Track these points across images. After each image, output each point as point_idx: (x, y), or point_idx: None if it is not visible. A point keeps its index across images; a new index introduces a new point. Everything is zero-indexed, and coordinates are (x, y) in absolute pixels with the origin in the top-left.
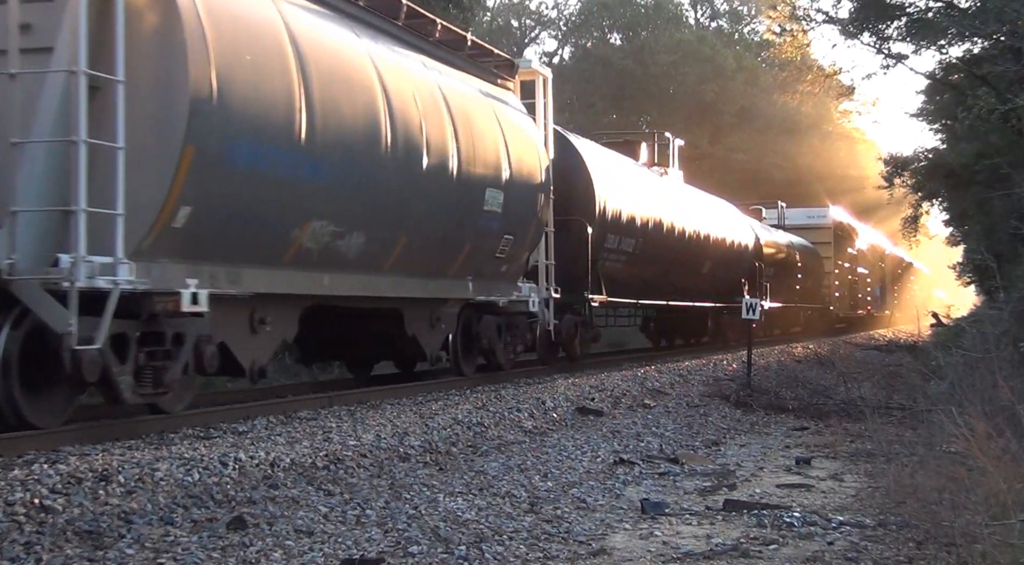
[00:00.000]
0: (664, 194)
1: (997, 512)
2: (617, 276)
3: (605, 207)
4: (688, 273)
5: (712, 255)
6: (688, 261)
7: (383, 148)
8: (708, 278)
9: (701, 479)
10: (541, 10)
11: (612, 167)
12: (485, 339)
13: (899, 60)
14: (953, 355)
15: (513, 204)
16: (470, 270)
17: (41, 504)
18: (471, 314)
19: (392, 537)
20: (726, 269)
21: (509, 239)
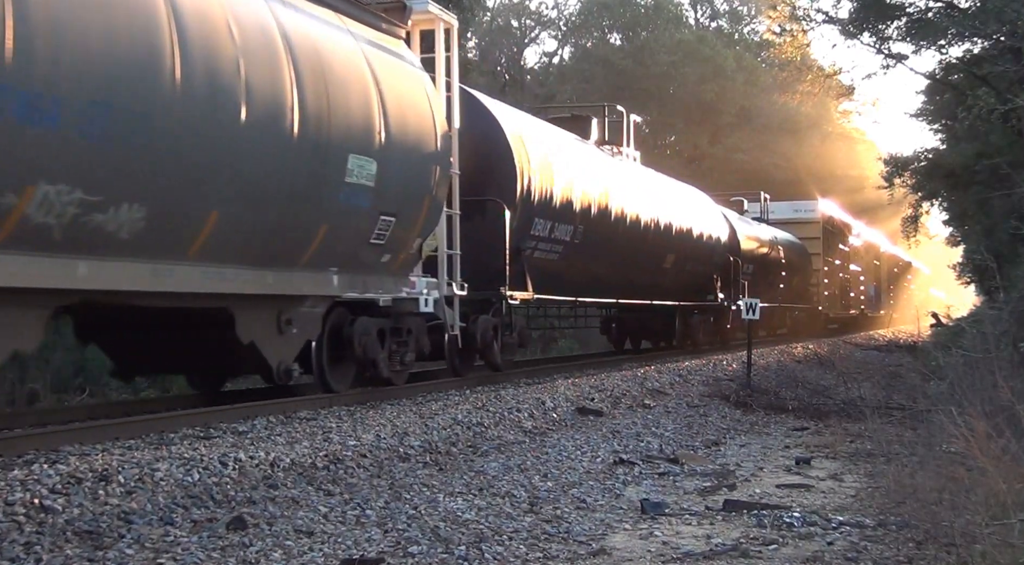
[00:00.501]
0: (615, 176)
1: (997, 512)
2: (551, 269)
3: (530, 187)
4: (646, 268)
5: (677, 248)
6: (646, 254)
7: (167, 83)
8: (672, 274)
9: (701, 479)
10: (541, 10)
11: (544, 141)
12: (360, 346)
13: (899, 60)
14: (953, 355)
15: (392, 177)
16: (333, 259)
17: (41, 504)
18: (343, 316)
19: (392, 537)
20: (695, 264)
21: (388, 221)
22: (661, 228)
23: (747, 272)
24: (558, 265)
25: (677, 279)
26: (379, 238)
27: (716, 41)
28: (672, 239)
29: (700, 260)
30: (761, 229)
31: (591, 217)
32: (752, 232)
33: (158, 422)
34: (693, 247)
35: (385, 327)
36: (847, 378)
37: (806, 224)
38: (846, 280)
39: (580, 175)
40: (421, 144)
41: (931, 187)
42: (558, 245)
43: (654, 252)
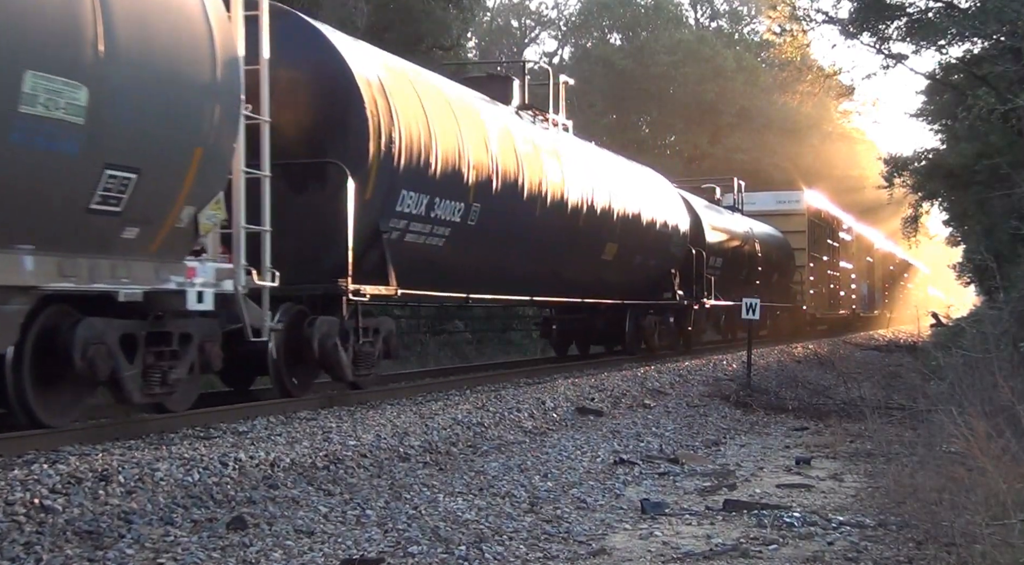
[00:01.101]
0: (533, 146)
1: (997, 512)
2: (432, 258)
3: (393, 149)
4: (580, 260)
5: (621, 237)
6: (579, 243)
7: None
8: (616, 267)
9: (701, 479)
10: (541, 10)
11: (422, 94)
12: (83, 360)
13: (899, 60)
14: (953, 355)
15: (124, 113)
16: (23, 231)
17: (41, 504)
18: (61, 317)
19: (392, 537)
20: (646, 256)
21: (124, 179)
22: (598, 212)
23: (714, 267)
24: (443, 253)
25: (623, 274)
26: (109, 203)
27: (716, 41)
28: (614, 226)
29: (653, 252)
30: (733, 220)
31: (492, 194)
32: (721, 223)
33: (158, 422)
34: (642, 236)
35: (136, 332)
36: (847, 378)
37: (790, 217)
38: (835, 278)
39: (479, 141)
40: (184, 70)
41: (931, 187)
42: (442, 227)
43: (589, 241)
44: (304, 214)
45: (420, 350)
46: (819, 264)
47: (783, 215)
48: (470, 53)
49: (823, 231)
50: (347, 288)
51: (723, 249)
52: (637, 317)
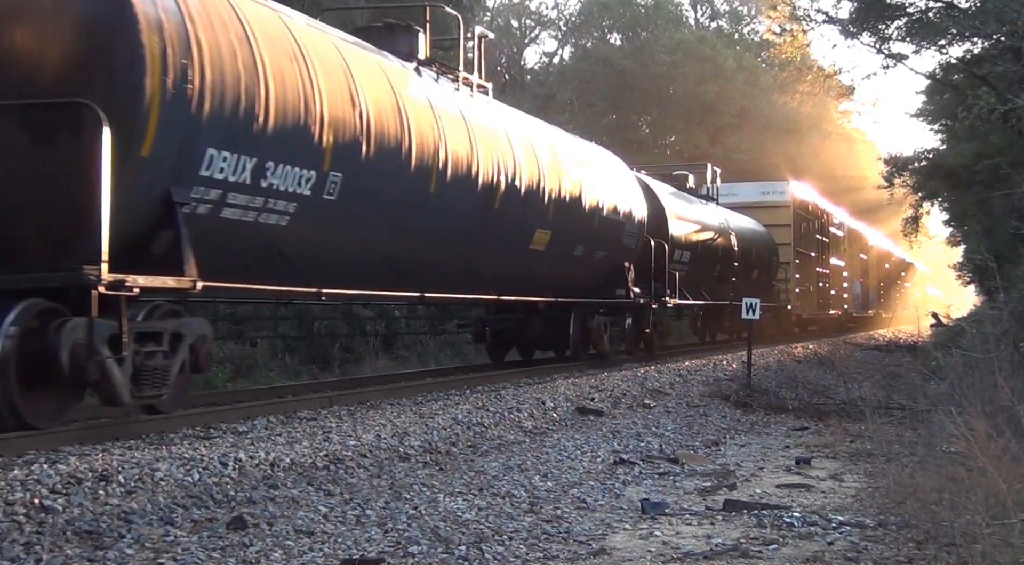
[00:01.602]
0: (432, 108)
1: (997, 512)
2: (270, 240)
3: (189, 89)
4: (499, 248)
5: (556, 223)
6: (497, 228)
7: None
8: (550, 259)
9: (701, 479)
10: (541, 10)
11: (250, 26)
12: None
13: (899, 60)
14: (953, 355)
15: None
16: None
17: (41, 504)
18: None
19: (392, 537)
20: (591, 247)
21: None
22: (522, 193)
23: (681, 261)
24: (288, 236)
25: (561, 267)
26: None
27: (716, 41)
28: (545, 210)
29: (600, 242)
30: (706, 210)
31: (362, 161)
32: (691, 213)
33: (158, 422)
34: (585, 224)
35: None
36: (847, 378)
37: (774, 209)
38: (825, 276)
39: (341, 94)
40: None
41: (931, 187)
42: (282, 200)
43: (511, 227)
44: (51, 176)
45: (420, 350)
46: (807, 261)
47: (767, 207)
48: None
49: (811, 225)
50: (101, 278)
51: (691, 242)
52: (584, 318)
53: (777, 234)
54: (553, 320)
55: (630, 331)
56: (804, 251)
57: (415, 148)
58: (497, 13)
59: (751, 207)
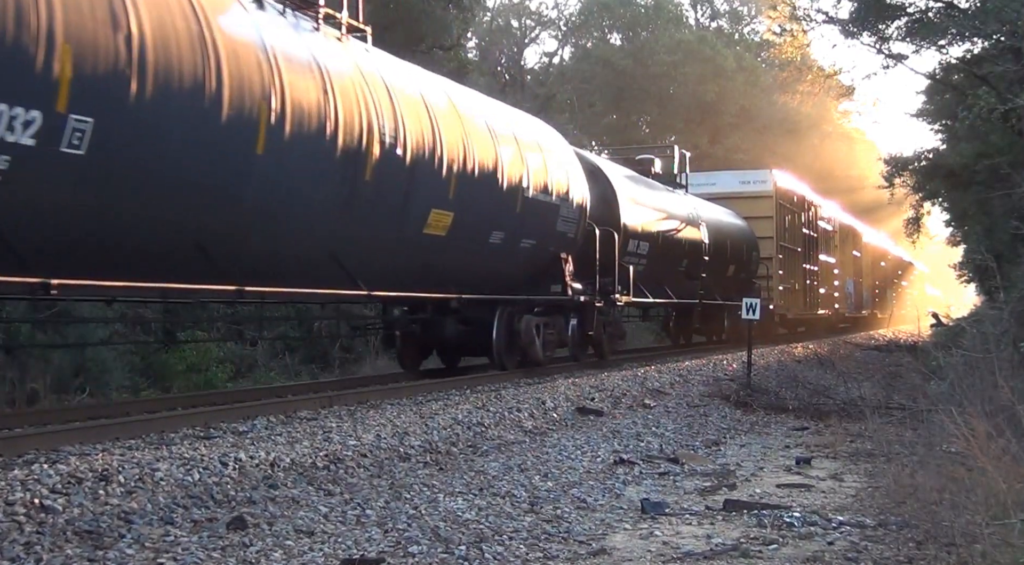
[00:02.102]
0: (269, 49)
1: (997, 512)
2: None
3: None
4: (377, 231)
5: (460, 203)
6: (370, 206)
7: None
8: (454, 247)
9: (701, 479)
10: (541, 10)
11: None
12: None
13: (899, 60)
14: (953, 355)
15: None
16: None
17: (41, 504)
18: None
19: (392, 537)
20: (513, 234)
21: None
22: (408, 163)
23: (637, 254)
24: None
25: (472, 257)
26: None
27: (716, 41)
28: (443, 185)
29: (525, 228)
30: (671, 199)
31: (131, 103)
32: (651, 200)
33: (158, 422)
34: (503, 205)
35: None
36: (847, 378)
37: (755, 200)
38: (813, 273)
39: (93, 7)
40: None
41: (931, 187)
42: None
43: (394, 205)
44: None
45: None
46: (791, 256)
47: (747, 198)
48: (470, 53)
49: (797, 218)
50: None
51: (651, 233)
52: (510, 318)
53: (758, 227)
54: (472, 321)
55: (574, 334)
56: (789, 246)
57: (228, 95)
58: (497, 13)
59: (730, 197)
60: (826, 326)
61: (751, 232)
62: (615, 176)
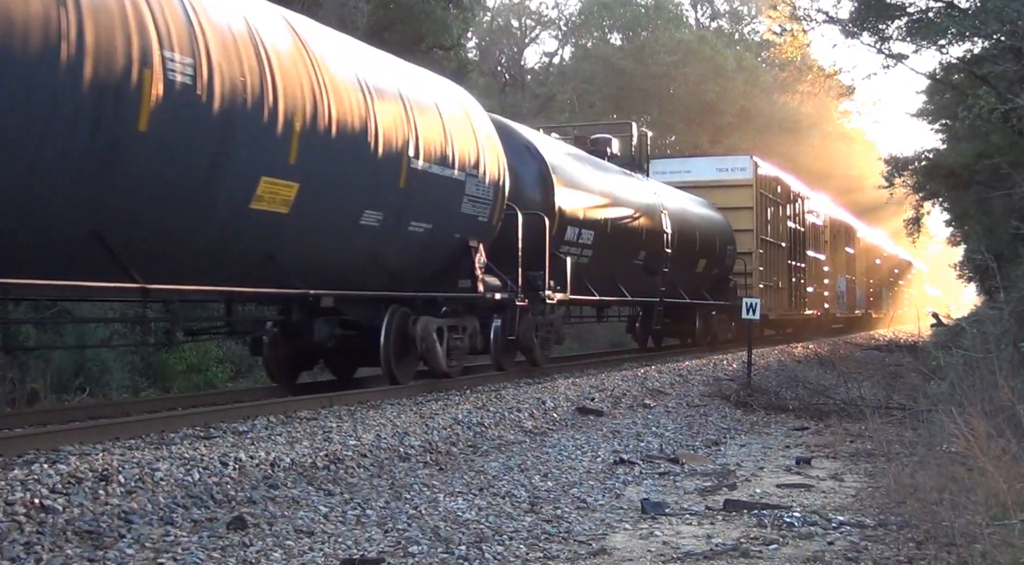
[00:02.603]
0: None
1: (997, 512)
2: None
3: None
4: (164, 202)
5: (321, 172)
6: (150, 168)
7: None
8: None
9: (701, 479)
10: (541, 10)
11: None
12: None
13: (899, 60)
14: (953, 355)
15: None
16: None
17: (41, 504)
18: None
19: (392, 537)
20: (399, 215)
21: None
22: (216, 110)
23: (579, 244)
24: None
25: (336, 242)
26: None
27: (716, 41)
28: (281, 145)
29: (416, 208)
30: (626, 183)
31: None
32: (596, 182)
33: (158, 422)
34: (381, 176)
35: None
36: (847, 378)
37: (733, 189)
38: (799, 270)
39: None
40: None
41: (931, 187)
42: None
43: (199, 165)
44: None
45: None
46: (774, 252)
47: (724, 187)
48: (471, 53)
49: (781, 210)
50: None
51: (596, 220)
52: (404, 320)
53: (736, 219)
54: (356, 325)
55: (498, 338)
56: (772, 240)
57: None
58: (497, 13)
59: (706, 186)
60: (815, 327)
61: (727, 224)
62: (550, 152)
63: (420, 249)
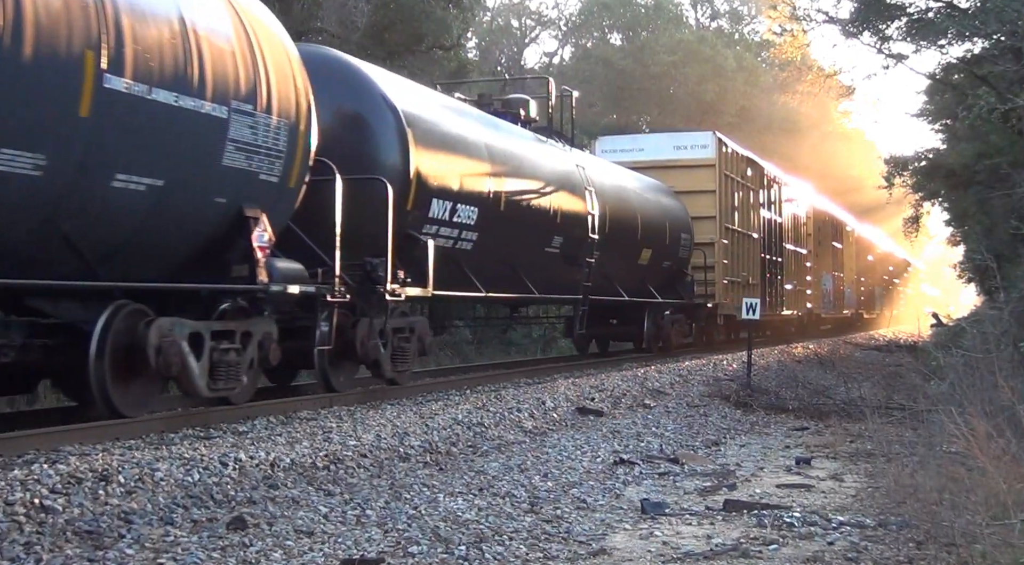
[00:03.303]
0: None
1: (997, 512)
2: None
3: None
4: None
5: None
6: None
7: None
8: None
9: (701, 479)
10: (541, 10)
11: None
12: None
13: (899, 60)
14: (953, 355)
15: None
16: None
17: (41, 504)
18: None
19: (392, 537)
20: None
21: None
22: None
23: (457, 224)
24: None
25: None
26: None
27: (716, 41)
28: None
29: (125, 153)
30: (532, 150)
31: None
32: (480, 145)
33: (158, 422)
34: (40, 99)
35: None
36: (847, 378)
37: (691, 170)
38: (775, 264)
39: None
40: None
41: (931, 187)
42: None
43: None
44: None
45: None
46: (743, 243)
47: (682, 168)
48: (470, 53)
49: (753, 196)
50: None
51: (482, 194)
52: (130, 323)
53: (696, 204)
54: (54, 330)
55: (319, 355)
56: (739, 230)
57: None
58: (497, 13)
59: (662, 167)
60: (797, 329)
61: (682, 209)
62: (410, 101)
63: (144, 217)
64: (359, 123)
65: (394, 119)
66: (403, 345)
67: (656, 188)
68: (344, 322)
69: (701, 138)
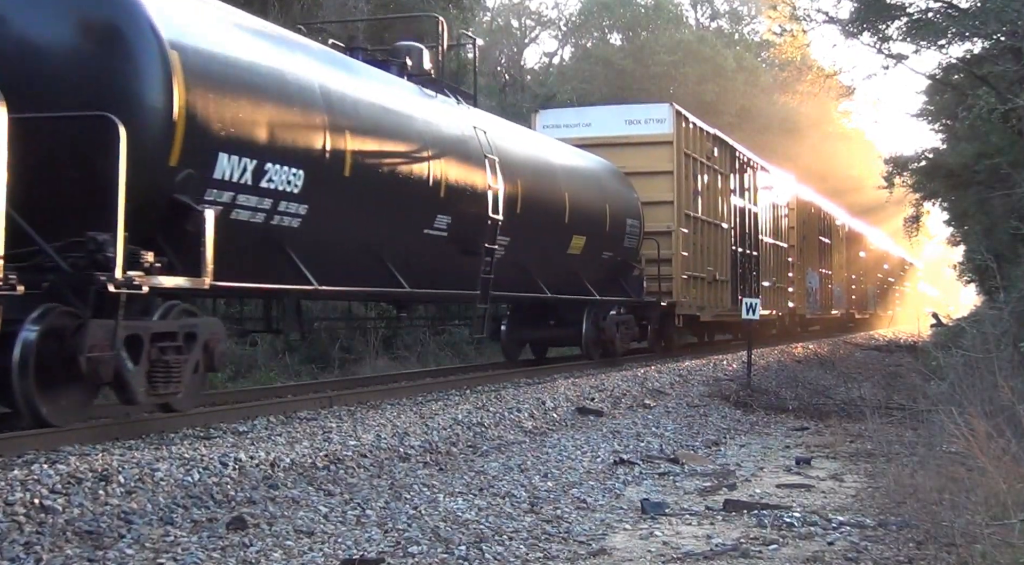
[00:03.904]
0: None
1: (997, 512)
2: None
3: None
4: None
5: None
6: None
7: None
8: None
9: (701, 479)
10: (541, 10)
11: None
12: None
13: (899, 60)
14: (953, 355)
15: None
16: None
17: (41, 504)
18: None
19: (392, 537)
20: None
21: None
22: None
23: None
24: None
25: None
26: None
27: (716, 41)
28: None
29: None
30: (403, 103)
31: None
32: (314, 88)
33: (158, 422)
34: None
35: None
36: (847, 378)
37: (645, 148)
38: (749, 259)
39: None
40: None
41: (931, 187)
42: None
43: None
44: None
45: (420, 350)
46: (709, 233)
47: (634, 145)
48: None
49: (722, 181)
50: None
51: (312, 152)
52: None
53: (649, 187)
54: None
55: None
56: (704, 218)
57: None
58: (497, 13)
59: (612, 144)
60: (780, 331)
61: (630, 191)
62: (180, 18)
63: None
64: (99, 38)
65: (152, 35)
66: (169, 358)
67: (596, 164)
68: (64, 325)
69: (656, 111)
